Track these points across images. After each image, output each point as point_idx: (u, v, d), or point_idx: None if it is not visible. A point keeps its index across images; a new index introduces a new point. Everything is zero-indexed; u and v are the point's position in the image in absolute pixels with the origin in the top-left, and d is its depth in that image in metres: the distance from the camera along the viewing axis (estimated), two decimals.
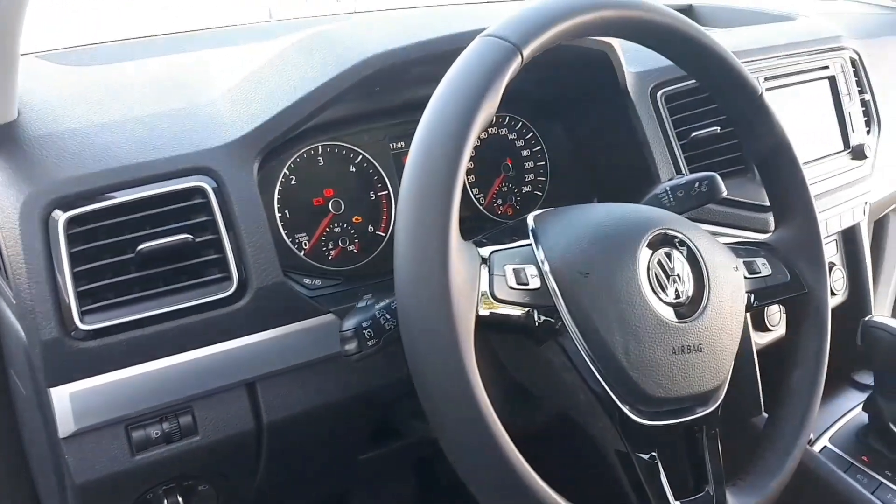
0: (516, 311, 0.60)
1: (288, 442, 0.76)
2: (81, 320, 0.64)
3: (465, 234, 0.76)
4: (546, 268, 0.62)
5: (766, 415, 0.99)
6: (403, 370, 0.78)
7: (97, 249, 0.66)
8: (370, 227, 0.87)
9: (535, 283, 0.61)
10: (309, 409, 0.75)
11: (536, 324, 0.61)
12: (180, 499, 0.72)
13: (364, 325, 0.63)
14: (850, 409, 1.13)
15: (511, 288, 0.60)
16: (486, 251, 0.62)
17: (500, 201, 0.96)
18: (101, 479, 0.67)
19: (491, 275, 0.60)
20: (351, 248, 0.86)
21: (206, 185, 0.70)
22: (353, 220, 0.86)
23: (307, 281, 0.80)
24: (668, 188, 0.78)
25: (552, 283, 0.61)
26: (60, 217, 0.65)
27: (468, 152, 0.56)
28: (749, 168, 1.00)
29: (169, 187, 0.69)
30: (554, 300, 0.61)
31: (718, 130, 0.95)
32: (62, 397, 0.64)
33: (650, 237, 0.64)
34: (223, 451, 0.72)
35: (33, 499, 0.78)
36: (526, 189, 0.98)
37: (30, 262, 0.64)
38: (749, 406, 1.00)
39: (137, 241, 0.67)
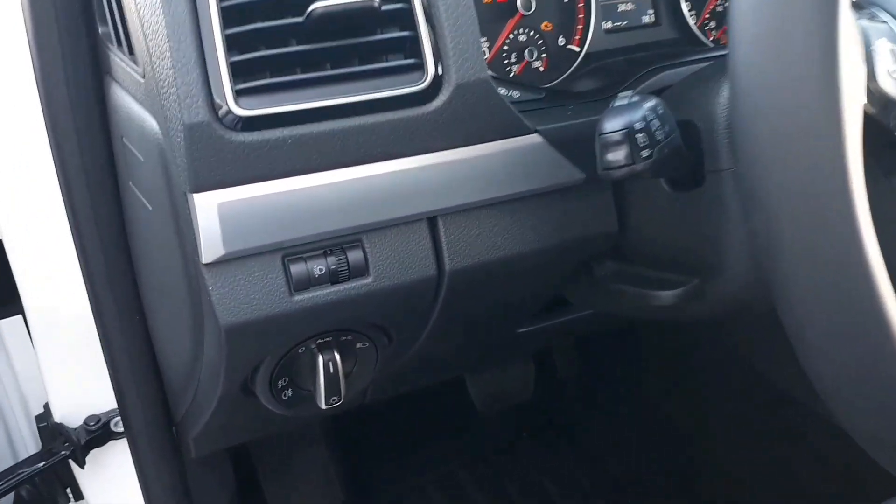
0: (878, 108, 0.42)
1: (463, 300, 0.60)
2: (236, 101, 0.47)
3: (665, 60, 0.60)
4: None
5: None
6: (611, 222, 0.62)
7: (252, 7, 0.48)
8: (561, 38, 0.67)
9: None
10: (497, 258, 0.57)
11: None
12: (337, 355, 0.56)
13: (637, 126, 0.45)
14: None
15: (889, 74, 0.41)
16: None
17: (713, 23, 0.75)
18: (250, 322, 0.50)
19: (870, 51, 0.41)
20: (537, 63, 0.67)
21: None
22: (543, 26, 0.66)
23: (502, 91, 0.60)
24: None
25: None
26: None
27: None
28: None
29: None
30: None
31: None
32: (208, 207, 0.47)
33: None
34: (396, 300, 0.55)
35: (147, 347, 0.64)
36: None
37: (171, 16, 0.45)
38: None
39: (306, 1, 0.48)
